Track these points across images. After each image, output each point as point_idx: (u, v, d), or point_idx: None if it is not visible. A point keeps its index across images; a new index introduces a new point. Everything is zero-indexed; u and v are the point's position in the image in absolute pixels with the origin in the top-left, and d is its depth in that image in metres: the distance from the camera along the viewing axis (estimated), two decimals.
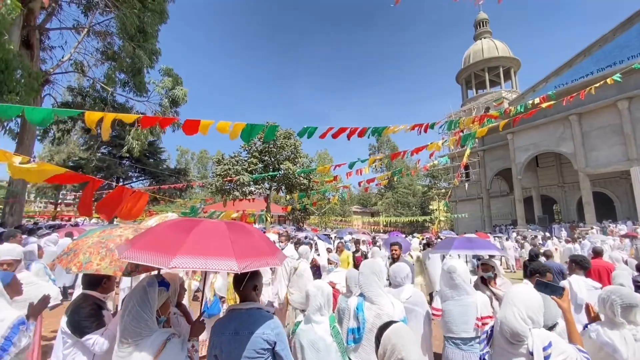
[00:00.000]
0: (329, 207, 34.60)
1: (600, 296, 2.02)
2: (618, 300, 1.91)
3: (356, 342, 2.19)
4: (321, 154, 46.22)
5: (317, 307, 2.17)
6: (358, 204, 57.77)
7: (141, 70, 14.50)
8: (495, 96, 30.38)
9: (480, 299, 2.40)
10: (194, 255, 1.52)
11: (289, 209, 23.34)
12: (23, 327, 2.10)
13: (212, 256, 1.55)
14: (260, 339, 1.76)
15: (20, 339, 2.06)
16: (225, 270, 1.55)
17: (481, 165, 29.52)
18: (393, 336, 1.48)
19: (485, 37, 34.79)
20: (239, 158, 18.68)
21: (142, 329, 1.69)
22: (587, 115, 19.68)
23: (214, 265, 1.53)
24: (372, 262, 2.42)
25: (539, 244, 13.43)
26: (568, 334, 1.70)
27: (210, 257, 1.54)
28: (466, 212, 29.50)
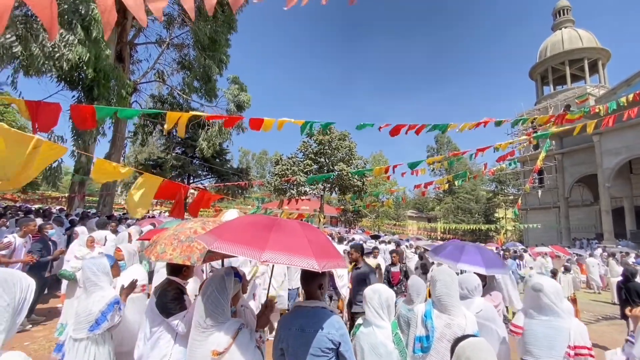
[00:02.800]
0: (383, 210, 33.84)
1: None
2: None
3: (424, 352, 2.09)
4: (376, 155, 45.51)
5: (374, 310, 2.14)
6: (414, 208, 55.58)
7: (211, 78, 15.84)
8: (577, 92, 26.76)
9: (575, 325, 2.10)
10: (281, 251, 1.61)
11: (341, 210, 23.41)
12: (117, 306, 2.41)
13: (295, 254, 1.63)
14: (326, 338, 1.78)
15: (113, 316, 2.36)
16: (308, 267, 1.60)
17: (559, 170, 26.28)
18: (469, 348, 1.40)
19: (567, 27, 30.88)
20: (295, 159, 19.29)
21: (219, 314, 1.81)
22: None
23: (298, 262, 1.60)
24: (444, 270, 2.29)
25: (633, 263, 11.46)
26: None
27: (294, 255, 1.62)
28: (538, 222, 26.43)
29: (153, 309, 2.27)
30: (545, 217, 27.66)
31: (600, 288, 11.62)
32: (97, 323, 2.28)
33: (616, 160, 20.21)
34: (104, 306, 2.33)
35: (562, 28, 30.95)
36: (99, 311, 2.30)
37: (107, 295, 2.38)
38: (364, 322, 2.19)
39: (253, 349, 1.87)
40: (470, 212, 42.18)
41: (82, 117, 3.99)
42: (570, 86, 29.04)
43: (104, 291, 2.40)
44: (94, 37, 9.48)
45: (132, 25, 14.07)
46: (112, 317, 2.35)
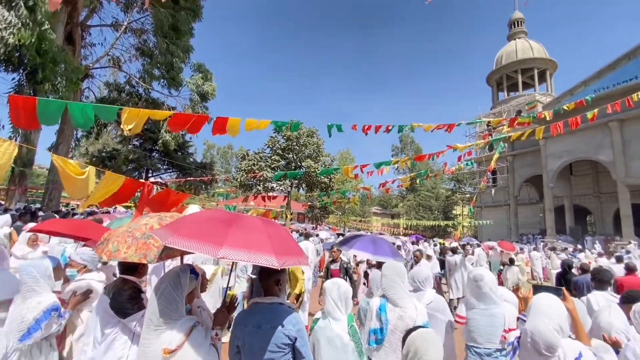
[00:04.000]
0: (349, 207, 34.47)
1: (636, 310, 1.91)
2: None
3: (378, 343, 2.18)
4: (343, 153, 46.14)
5: (332, 302, 2.19)
6: (378, 205, 57.19)
7: (174, 66, 15.08)
8: (528, 99, 29.03)
9: (508, 310, 2.31)
10: (240, 248, 1.58)
11: (308, 206, 23.52)
12: (55, 314, 2.21)
13: (255, 250, 1.61)
14: (282, 334, 1.80)
15: (50, 324, 2.17)
16: (267, 264, 1.59)
17: (510, 170, 28.38)
18: (418, 339, 1.49)
19: (520, 38, 33.29)
20: (262, 155, 19.02)
21: (173, 311, 1.74)
22: (629, 122, 18.42)
23: (256, 259, 1.58)
24: (395, 265, 2.40)
25: (570, 256, 12.75)
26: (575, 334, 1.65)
27: (253, 251, 1.60)
28: (491, 219, 28.42)
29: (106, 309, 2.15)
30: (497, 214, 29.79)
31: (542, 279, 12.79)
32: (28, 332, 2.08)
33: (559, 162, 22.24)
34: (39, 313, 2.13)
35: (516, 38, 33.31)
36: (33, 319, 2.10)
37: (44, 301, 2.18)
38: (322, 316, 2.24)
39: (208, 346, 1.83)
40: (430, 209, 44.29)
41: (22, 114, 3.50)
42: (521, 93, 31.41)
43: (40, 296, 2.20)
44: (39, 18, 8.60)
45: (84, 4, 12.97)
46: (48, 326, 2.15)
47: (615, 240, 18.53)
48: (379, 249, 3.33)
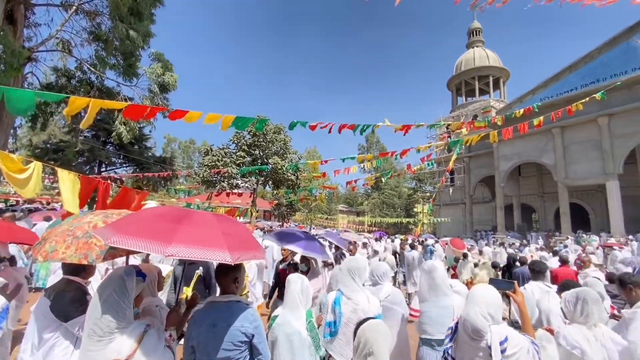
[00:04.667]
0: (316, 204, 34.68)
1: (565, 298, 2.14)
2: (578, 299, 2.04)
3: (332, 335, 2.24)
4: (310, 151, 46.21)
5: (295, 296, 2.21)
6: (344, 203, 58.10)
7: (132, 53, 14.11)
8: (483, 104, 31.03)
9: (457, 301, 2.47)
10: (189, 245, 1.53)
11: (275, 204, 23.30)
12: None
13: (206, 246, 1.56)
14: (239, 331, 1.78)
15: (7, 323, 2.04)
16: (219, 260, 1.55)
17: (466, 171, 30.17)
18: (368, 330, 1.54)
19: (478, 46, 35.42)
20: (227, 150, 18.48)
21: (120, 319, 1.63)
22: (569, 129, 20.38)
23: (209, 255, 1.54)
24: (351, 260, 2.47)
25: (516, 251, 13.88)
26: (522, 325, 1.80)
27: (205, 248, 1.55)
28: (449, 217, 30.09)
29: (46, 313, 2.00)
30: (454, 212, 31.57)
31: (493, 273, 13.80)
32: None
33: (509, 164, 24.04)
34: None
35: (475, 47, 35.40)
36: None
37: None
38: (281, 312, 2.25)
39: (162, 349, 1.76)
40: (393, 206, 45.93)
41: None
42: (478, 99, 33.48)
43: None
44: None
45: None
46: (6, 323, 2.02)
47: (556, 235, 20.45)
48: (309, 246, 3.42)
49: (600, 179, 18.84)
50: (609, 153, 18.35)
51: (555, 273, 4.64)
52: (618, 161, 18.09)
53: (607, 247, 12.47)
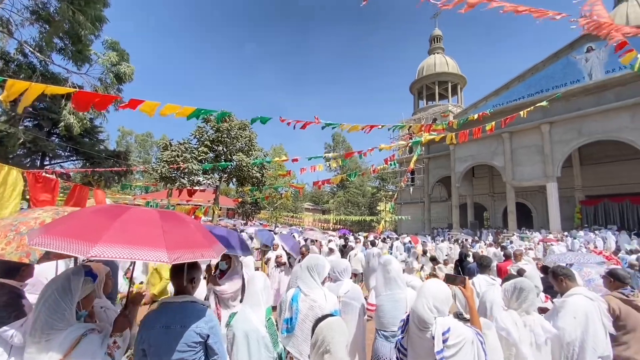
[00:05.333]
0: (281, 202, 34.41)
1: (505, 287, 2.35)
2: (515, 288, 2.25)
3: (289, 332, 2.26)
4: (276, 148, 45.68)
5: (253, 295, 2.21)
6: (310, 201, 58.32)
7: (81, 37, 12.98)
8: (442, 109, 32.74)
9: (410, 295, 2.59)
10: (119, 244, 1.42)
11: (239, 201, 22.77)
12: None
13: (139, 246, 1.46)
14: (193, 332, 1.73)
15: None
16: (154, 261, 1.46)
17: (425, 171, 31.66)
18: (325, 328, 1.58)
19: (438, 53, 37.23)
20: (188, 145, 17.64)
21: (57, 320, 1.53)
22: (516, 135, 22.17)
23: (141, 256, 1.43)
24: (310, 257, 2.50)
25: (469, 247, 14.85)
26: (470, 317, 1.94)
27: (137, 247, 1.45)
28: (409, 215, 31.41)
29: None
30: (414, 210, 33.01)
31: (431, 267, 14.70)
32: None
33: (464, 166, 25.62)
34: None
35: (436, 53, 37.18)
36: None
37: None
38: (240, 310, 2.24)
39: (102, 357, 1.64)
40: (358, 205, 46.96)
41: None
42: (437, 103, 35.23)
43: None
44: None
45: None
46: None
47: (503, 232, 22.18)
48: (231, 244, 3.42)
49: (541, 180, 20.72)
50: (550, 157, 20.25)
51: (500, 267, 5.06)
52: (557, 165, 20.02)
53: (546, 242, 13.78)
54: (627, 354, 2.88)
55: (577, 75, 19.66)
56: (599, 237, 15.84)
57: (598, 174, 23.00)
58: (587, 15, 4.88)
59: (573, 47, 20.03)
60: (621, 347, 2.88)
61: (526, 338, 2.19)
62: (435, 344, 1.64)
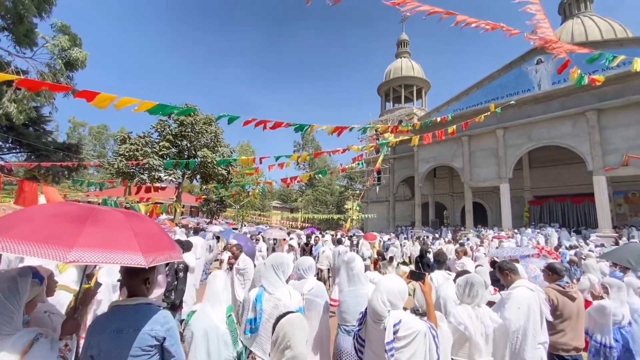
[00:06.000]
0: (248, 200, 33.76)
1: (458, 282, 2.50)
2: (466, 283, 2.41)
3: (252, 332, 2.24)
4: (243, 145, 44.57)
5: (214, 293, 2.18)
6: (279, 199, 57.85)
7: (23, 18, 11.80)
8: (407, 111, 33.95)
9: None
10: (97, 248, 1.38)
11: (203, 199, 22.03)
12: None
13: (115, 249, 1.42)
14: (148, 335, 1.66)
15: None
16: (132, 264, 1.43)
17: (391, 171, 32.67)
18: (286, 325, 1.58)
19: (405, 57, 38.53)
20: (148, 139, 16.73)
21: (4, 324, 1.43)
22: (474, 138, 23.57)
23: (119, 259, 1.41)
24: (275, 255, 2.50)
25: (430, 244, 15.60)
26: (427, 312, 2.05)
27: (113, 251, 1.41)
28: (375, 213, 32.27)
29: None
30: (380, 209, 33.96)
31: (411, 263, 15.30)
32: None
33: (426, 166, 26.76)
34: None
35: (402, 57, 38.43)
36: None
37: None
38: (200, 307, 2.19)
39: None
40: (326, 203, 47.39)
41: None
42: (403, 105, 36.49)
43: None
44: None
45: None
46: None
47: (461, 230, 23.51)
48: None
49: (495, 181, 22.23)
50: (503, 160, 21.77)
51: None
52: (509, 167, 21.58)
53: (498, 239, 14.83)
54: (563, 340, 3.19)
55: (528, 84, 21.30)
56: (543, 234, 17.34)
57: (544, 176, 25.13)
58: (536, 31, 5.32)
59: (525, 58, 21.66)
60: (558, 334, 3.19)
61: (478, 329, 2.35)
62: (386, 335, 1.71)
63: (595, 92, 17.67)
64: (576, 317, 3.25)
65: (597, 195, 17.65)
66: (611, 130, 17.66)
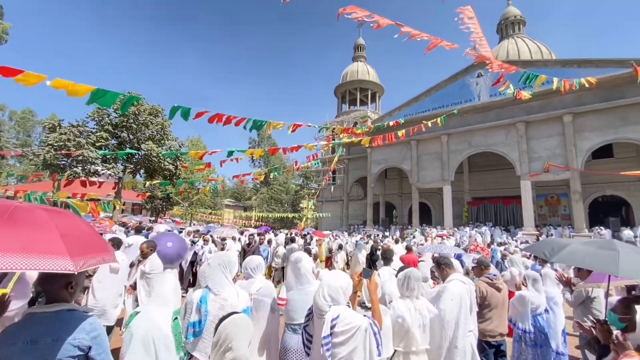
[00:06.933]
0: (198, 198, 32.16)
1: (398, 277, 2.65)
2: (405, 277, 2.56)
3: (196, 336, 2.14)
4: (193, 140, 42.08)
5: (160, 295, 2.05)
6: (232, 197, 56.06)
7: None
8: (362, 114, 35.06)
9: None
10: (14, 253, 1.21)
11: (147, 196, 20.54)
12: None
13: (38, 253, 1.26)
14: (71, 345, 1.50)
15: None
16: (58, 270, 1.27)
17: (345, 171, 33.49)
18: (229, 325, 1.53)
19: (361, 61, 39.71)
20: (83, 128, 15.09)
21: None
22: (422, 142, 25.12)
23: (43, 265, 1.24)
24: (221, 254, 2.41)
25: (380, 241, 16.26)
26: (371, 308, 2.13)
27: (36, 255, 1.25)
28: (329, 212, 32.82)
29: None
30: (334, 208, 34.63)
31: None
32: None
33: (378, 167, 27.90)
34: None
35: (359, 61, 39.54)
36: None
37: None
38: (143, 309, 2.04)
39: None
40: (281, 202, 47.04)
41: None
42: (358, 108, 37.57)
43: None
44: None
45: None
46: None
47: (408, 228, 24.91)
48: None
49: (439, 183, 23.94)
50: (446, 164, 23.52)
51: (402, 258, 5.71)
52: (452, 170, 23.39)
53: (440, 237, 15.99)
54: (490, 327, 3.54)
55: (470, 95, 23.27)
56: (479, 232, 19.09)
57: (481, 179, 27.67)
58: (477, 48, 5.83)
59: (468, 71, 23.62)
60: (486, 322, 3.54)
61: (416, 321, 2.51)
62: (324, 329, 1.75)
63: (524, 106, 19.89)
64: (501, 306, 3.63)
65: (524, 197, 19.90)
66: (536, 141, 20.02)
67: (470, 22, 5.20)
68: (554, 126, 19.38)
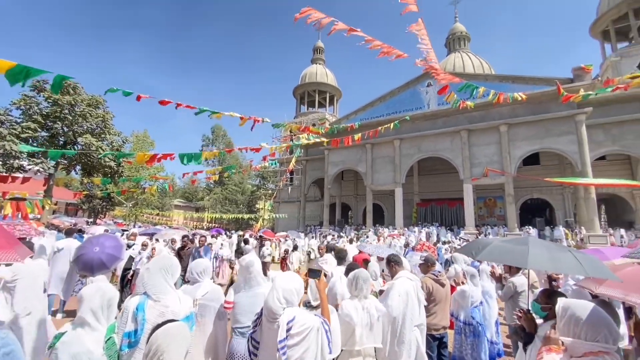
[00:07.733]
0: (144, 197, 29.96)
1: (348, 278, 2.70)
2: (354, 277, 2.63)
3: (131, 347, 1.95)
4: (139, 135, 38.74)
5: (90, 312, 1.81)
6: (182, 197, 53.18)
7: None
8: (320, 116, 35.44)
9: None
10: None
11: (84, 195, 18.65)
12: None
13: None
14: None
15: None
16: None
17: (303, 172, 33.56)
18: (161, 336, 1.42)
19: (320, 63, 40.15)
20: (5, 117, 13.21)
21: None
22: (376, 146, 26.09)
23: None
24: (161, 258, 2.25)
25: (335, 241, 16.53)
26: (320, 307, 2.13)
27: None
28: (286, 213, 32.61)
29: None
30: (291, 209, 34.48)
31: None
32: None
33: (335, 169, 28.39)
34: None
35: (318, 63, 39.92)
36: None
37: None
38: (71, 327, 1.79)
39: None
40: (236, 202, 45.65)
41: None
42: (316, 110, 37.91)
43: None
44: None
45: None
46: None
47: (362, 228, 25.67)
48: None
49: (392, 185, 25.04)
50: (399, 167, 24.69)
51: (355, 258, 5.84)
52: (403, 173, 24.60)
53: (391, 237, 16.71)
54: (435, 321, 3.76)
55: (420, 103, 24.70)
56: (426, 231, 20.31)
57: (429, 182, 29.49)
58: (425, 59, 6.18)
59: (419, 80, 25.06)
60: (431, 317, 3.75)
61: (364, 319, 2.56)
62: (279, 332, 1.71)
63: (468, 115, 21.64)
64: (445, 301, 3.88)
65: (466, 199, 21.59)
66: (477, 148, 21.87)
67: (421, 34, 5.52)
68: (492, 135, 21.34)
